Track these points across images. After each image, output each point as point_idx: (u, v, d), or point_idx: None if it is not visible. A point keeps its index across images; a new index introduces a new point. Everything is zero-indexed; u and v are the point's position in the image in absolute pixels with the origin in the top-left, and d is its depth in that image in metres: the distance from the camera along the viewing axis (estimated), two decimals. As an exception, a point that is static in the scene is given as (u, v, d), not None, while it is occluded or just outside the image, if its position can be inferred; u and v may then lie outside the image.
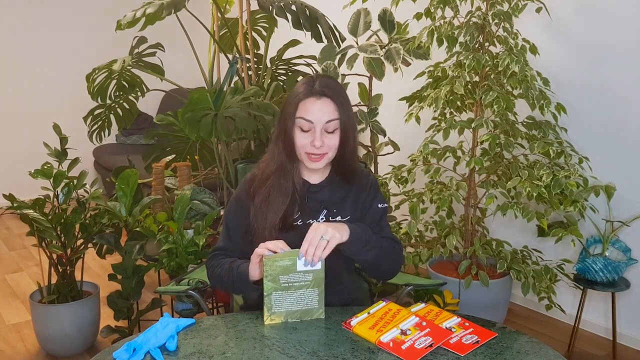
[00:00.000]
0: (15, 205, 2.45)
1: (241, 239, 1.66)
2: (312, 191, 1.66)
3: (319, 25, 2.86)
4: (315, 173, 1.68)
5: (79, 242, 2.62)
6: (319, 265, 1.43)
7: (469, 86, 2.62)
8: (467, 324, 1.46)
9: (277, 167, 1.63)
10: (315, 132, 1.56)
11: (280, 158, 1.62)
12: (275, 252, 1.44)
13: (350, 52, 2.79)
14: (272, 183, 1.62)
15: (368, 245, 1.54)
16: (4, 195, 2.52)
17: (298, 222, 1.63)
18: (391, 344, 1.36)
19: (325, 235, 1.44)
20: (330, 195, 1.67)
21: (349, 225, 1.51)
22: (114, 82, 3.14)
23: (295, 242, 1.56)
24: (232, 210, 1.69)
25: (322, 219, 1.64)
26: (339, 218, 1.65)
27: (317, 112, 1.55)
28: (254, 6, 3.10)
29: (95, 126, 3.25)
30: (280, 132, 1.61)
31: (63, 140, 2.62)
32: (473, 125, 2.50)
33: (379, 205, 1.70)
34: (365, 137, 3.08)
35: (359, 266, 1.70)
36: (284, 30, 3.08)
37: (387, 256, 1.63)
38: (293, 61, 3.31)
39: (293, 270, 1.44)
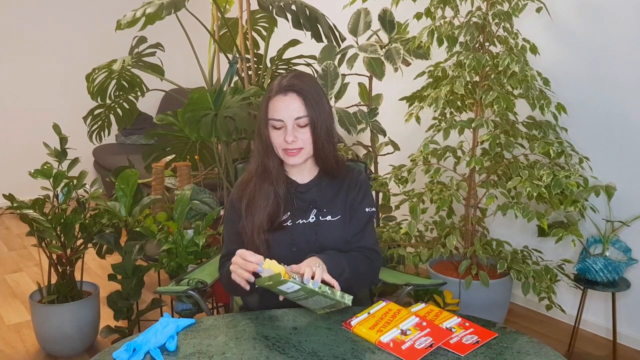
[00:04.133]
0: (15, 205, 2.45)
1: (242, 242, 1.66)
2: (300, 191, 1.67)
3: (319, 25, 2.86)
4: (302, 173, 1.68)
5: (79, 242, 2.62)
6: (296, 287, 1.38)
7: (469, 86, 2.62)
8: (467, 324, 1.46)
9: (256, 168, 1.65)
10: (287, 128, 1.57)
11: (259, 159, 1.64)
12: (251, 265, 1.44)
13: (350, 52, 2.79)
14: (254, 185, 1.64)
15: (342, 276, 1.54)
16: (4, 195, 2.52)
17: (288, 223, 1.63)
18: (391, 344, 1.36)
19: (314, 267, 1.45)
20: (319, 195, 1.67)
21: (323, 259, 1.51)
22: (114, 82, 3.14)
23: (284, 242, 1.60)
24: (229, 217, 1.70)
25: (312, 218, 1.64)
26: (328, 217, 1.65)
27: (285, 108, 1.57)
28: (254, 6, 3.10)
29: (95, 126, 3.25)
30: (257, 133, 1.64)
31: (63, 140, 2.62)
32: (473, 125, 2.50)
33: (366, 209, 1.70)
34: (365, 137, 3.08)
35: None
36: (284, 30, 3.08)
37: (362, 278, 1.64)
38: (293, 61, 3.31)
39: (285, 292, 1.41)
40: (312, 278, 1.42)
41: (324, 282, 1.45)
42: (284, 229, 1.62)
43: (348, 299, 1.41)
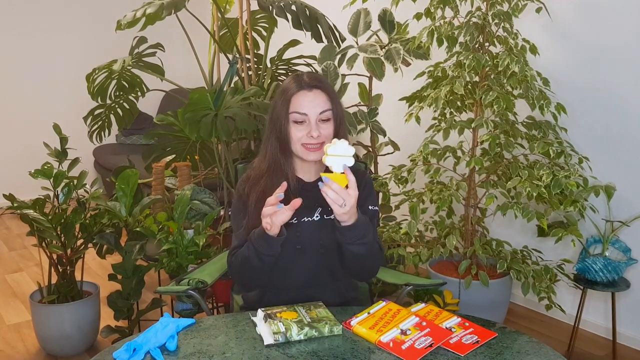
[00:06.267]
0: (15, 205, 2.45)
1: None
2: (306, 189, 1.67)
3: (319, 25, 2.86)
4: (309, 171, 1.69)
5: (79, 242, 2.62)
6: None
7: (469, 86, 2.62)
8: (467, 324, 1.46)
9: (269, 165, 1.64)
10: (311, 123, 1.58)
11: (272, 156, 1.64)
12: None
13: (350, 52, 2.79)
14: (265, 182, 1.64)
15: (363, 239, 1.53)
16: (4, 195, 2.52)
17: (293, 220, 1.63)
18: (391, 344, 1.36)
19: (346, 205, 1.44)
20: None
21: (359, 214, 1.51)
22: (114, 82, 3.14)
23: (289, 240, 1.58)
24: (237, 210, 1.70)
25: (317, 216, 1.65)
26: (333, 216, 1.65)
27: (310, 103, 1.58)
28: (254, 6, 3.10)
29: (96, 126, 3.25)
30: (272, 130, 1.63)
31: (63, 140, 2.62)
32: (473, 125, 2.50)
33: (370, 207, 1.70)
34: (365, 137, 3.08)
35: (344, 260, 1.66)
36: (284, 30, 3.08)
37: (373, 257, 1.64)
38: (293, 61, 3.31)
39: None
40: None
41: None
42: (289, 226, 1.62)
43: (337, 330, 1.43)
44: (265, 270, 1.59)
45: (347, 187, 1.44)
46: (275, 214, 1.47)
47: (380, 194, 2.90)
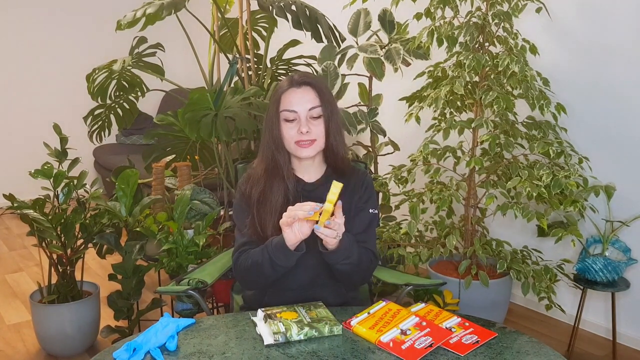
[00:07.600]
0: (15, 205, 2.45)
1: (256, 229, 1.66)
2: (307, 190, 1.67)
3: (319, 25, 2.86)
4: (309, 171, 1.69)
5: (79, 242, 2.62)
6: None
7: (469, 86, 2.62)
8: (467, 324, 1.46)
9: (266, 166, 1.65)
10: (301, 120, 1.59)
11: (269, 156, 1.64)
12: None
13: (350, 52, 2.79)
14: (264, 183, 1.64)
15: (348, 259, 1.56)
16: (4, 195, 2.52)
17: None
18: (391, 344, 1.36)
19: (339, 235, 1.47)
20: (326, 194, 1.67)
21: (343, 237, 1.52)
22: (114, 82, 3.14)
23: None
24: (240, 209, 1.70)
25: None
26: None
27: (299, 100, 1.59)
28: (254, 6, 3.10)
29: (96, 126, 3.25)
30: (267, 129, 1.64)
31: (63, 140, 2.62)
32: (473, 125, 2.50)
33: (370, 210, 1.71)
34: (365, 137, 3.08)
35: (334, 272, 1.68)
36: (284, 30, 3.08)
37: (360, 272, 1.65)
38: (293, 61, 3.31)
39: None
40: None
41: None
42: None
43: (337, 330, 1.43)
44: (275, 277, 1.60)
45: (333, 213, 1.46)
46: (305, 224, 1.47)
47: (380, 194, 2.90)
